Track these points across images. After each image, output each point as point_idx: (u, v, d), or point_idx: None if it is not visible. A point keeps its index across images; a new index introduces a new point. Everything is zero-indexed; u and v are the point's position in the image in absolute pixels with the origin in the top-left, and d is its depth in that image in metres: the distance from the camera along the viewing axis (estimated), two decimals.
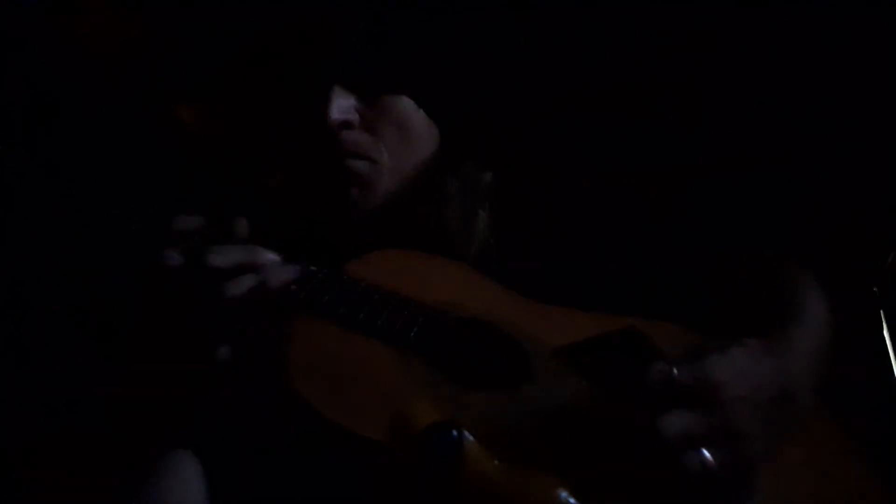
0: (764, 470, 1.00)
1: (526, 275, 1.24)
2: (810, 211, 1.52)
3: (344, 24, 1.31)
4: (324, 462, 1.04)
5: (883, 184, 1.51)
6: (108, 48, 1.54)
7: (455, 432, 0.98)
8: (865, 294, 1.34)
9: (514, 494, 0.97)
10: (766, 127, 1.62)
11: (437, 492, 0.97)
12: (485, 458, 0.98)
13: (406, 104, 1.32)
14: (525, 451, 1.01)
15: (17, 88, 1.43)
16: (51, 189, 1.22)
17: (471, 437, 0.98)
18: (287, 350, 1.08)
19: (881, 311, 1.32)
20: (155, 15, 1.54)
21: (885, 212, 1.47)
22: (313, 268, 1.17)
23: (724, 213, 1.40)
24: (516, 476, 0.98)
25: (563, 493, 0.97)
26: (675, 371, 0.96)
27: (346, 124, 1.29)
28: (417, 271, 1.23)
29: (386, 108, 1.31)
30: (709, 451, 0.95)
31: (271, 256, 1.18)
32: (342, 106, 1.29)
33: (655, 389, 0.97)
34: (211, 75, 1.52)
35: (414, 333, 1.12)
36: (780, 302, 1.15)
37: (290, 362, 1.07)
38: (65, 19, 1.51)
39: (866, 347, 1.31)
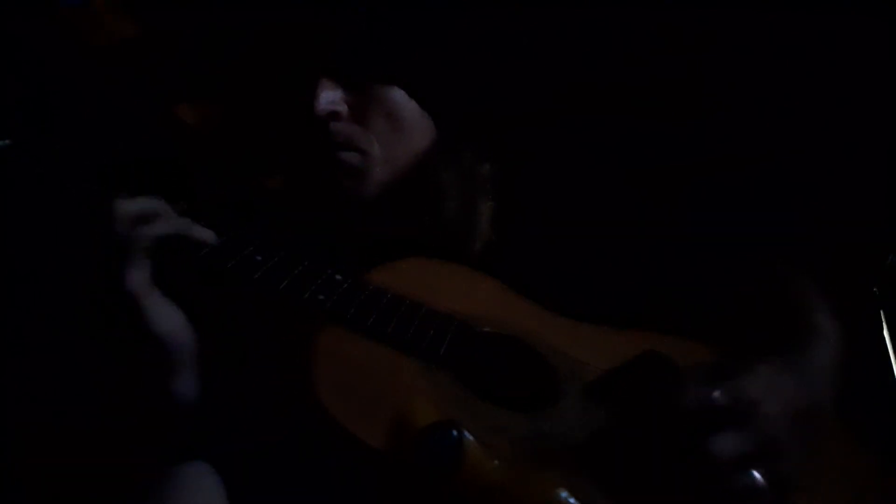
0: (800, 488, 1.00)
1: (530, 273, 1.24)
2: (810, 211, 1.52)
3: (336, 15, 1.30)
4: (336, 472, 1.03)
5: (883, 184, 1.51)
6: (107, 48, 1.54)
7: (455, 432, 0.98)
8: (866, 294, 1.34)
9: (514, 494, 0.97)
10: (766, 127, 1.62)
11: (437, 492, 0.97)
12: (485, 458, 0.98)
13: (397, 94, 1.30)
14: (547, 469, 1.00)
15: (17, 88, 1.43)
16: (49, 187, 1.22)
17: (471, 437, 0.98)
18: (313, 362, 1.06)
19: (881, 311, 1.32)
20: (155, 15, 1.54)
21: (885, 212, 1.47)
22: (338, 276, 1.15)
23: (724, 214, 1.40)
24: (516, 476, 0.98)
25: (563, 493, 0.97)
26: (714, 393, 0.96)
27: (334, 115, 1.28)
28: (442, 280, 1.21)
29: (375, 99, 1.29)
30: (756, 470, 0.95)
31: (173, 207, 1.17)
32: (329, 97, 1.27)
33: (695, 412, 0.96)
34: (211, 75, 1.51)
35: (443, 349, 1.10)
36: (793, 318, 1.15)
37: (315, 376, 1.04)
38: (65, 19, 1.51)
39: (867, 349, 1.31)
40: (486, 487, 0.97)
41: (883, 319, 1.32)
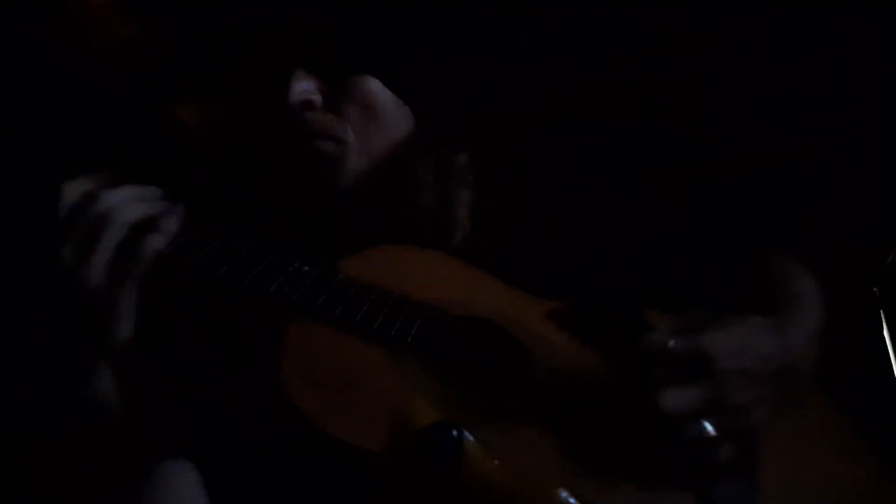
0: (768, 461, 1.01)
1: (509, 264, 1.24)
2: (810, 211, 1.52)
3: (310, 7, 1.30)
4: (324, 470, 1.04)
5: (883, 184, 1.51)
6: (106, 48, 1.53)
7: (455, 432, 0.98)
8: (865, 294, 1.34)
9: (514, 494, 0.97)
10: (766, 127, 1.62)
11: (437, 492, 0.97)
12: (485, 458, 0.98)
13: (372, 84, 1.30)
14: (525, 449, 1.01)
15: (17, 88, 1.43)
16: (49, 188, 1.21)
17: (471, 437, 0.98)
18: (281, 357, 1.06)
19: (881, 311, 1.32)
20: (154, 15, 1.54)
21: (885, 212, 1.47)
22: (306, 268, 1.15)
23: (723, 214, 1.40)
24: (516, 476, 0.98)
25: (563, 493, 0.97)
26: (671, 341, 0.97)
27: (308, 104, 1.28)
28: (413, 267, 1.22)
29: (350, 89, 1.30)
30: (709, 423, 0.96)
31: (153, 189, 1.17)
32: (302, 87, 1.28)
33: (650, 358, 0.98)
34: (199, 72, 1.51)
35: (412, 336, 1.10)
36: (775, 291, 1.17)
37: (284, 371, 1.05)
38: (64, 19, 1.51)
39: (866, 347, 1.32)
40: (486, 487, 0.97)
41: (883, 319, 1.32)
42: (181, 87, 1.48)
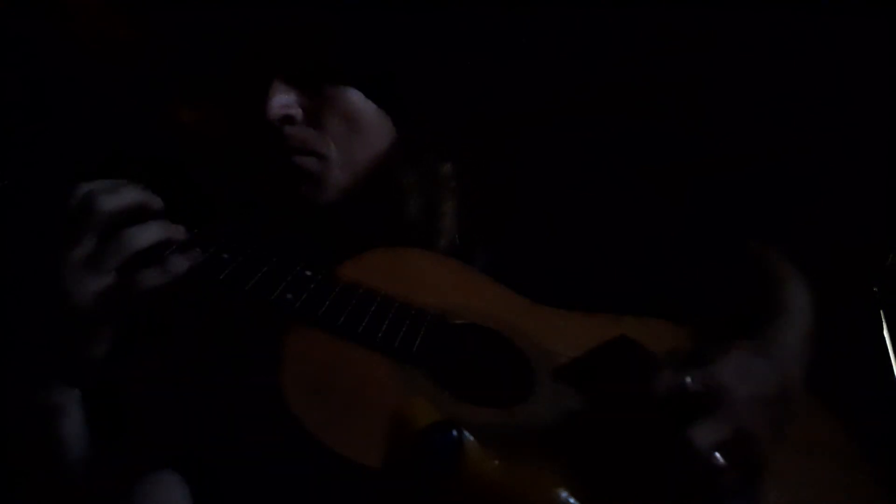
0: (768, 473, 1.01)
1: (503, 263, 1.24)
2: (810, 210, 1.52)
3: (288, 17, 1.28)
4: (321, 473, 1.02)
5: (883, 184, 1.51)
6: (106, 49, 1.54)
7: (455, 432, 0.97)
8: (865, 294, 1.34)
9: (514, 494, 0.97)
10: (765, 126, 1.62)
11: (436, 492, 0.97)
12: (485, 458, 0.98)
13: (353, 95, 1.28)
14: (528, 459, 1.00)
15: (17, 88, 1.43)
16: (50, 188, 1.21)
17: (471, 437, 0.98)
18: (282, 366, 1.03)
19: (881, 311, 1.32)
20: (154, 15, 1.54)
21: (885, 212, 1.47)
22: (308, 272, 1.13)
23: (722, 212, 1.40)
24: (516, 476, 0.98)
25: (563, 493, 0.97)
26: (687, 379, 0.97)
27: (288, 119, 1.26)
28: (414, 271, 1.20)
29: (331, 101, 1.27)
30: (720, 454, 0.96)
31: (159, 201, 1.13)
32: (281, 101, 1.25)
33: (666, 398, 0.97)
34: (207, 76, 1.51)
35: (416, 347, 1.08)
36: (764, 297, 1.17)
37: (285, 381, 1.02)
38: (63, 20, 1.51)
39: (866, 347, 1.32)
40: (486, 488, 0.97)
41: (883, 319, 1.32)
42: (181, 87, 1.47)
